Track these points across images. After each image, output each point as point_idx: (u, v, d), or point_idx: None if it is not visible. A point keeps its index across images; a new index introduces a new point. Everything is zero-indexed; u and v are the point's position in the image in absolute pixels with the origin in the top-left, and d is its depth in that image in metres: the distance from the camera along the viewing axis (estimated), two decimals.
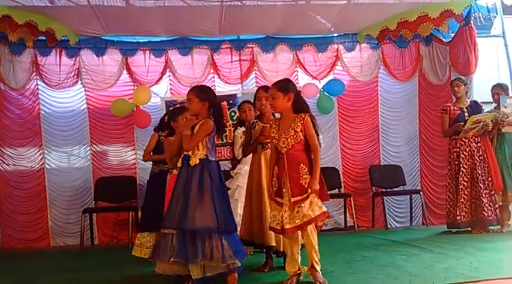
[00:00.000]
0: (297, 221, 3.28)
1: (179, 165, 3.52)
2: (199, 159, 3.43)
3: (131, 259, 4.78)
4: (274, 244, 3.86)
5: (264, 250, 4.05)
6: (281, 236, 3.63)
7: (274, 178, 3.46)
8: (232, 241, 3.38)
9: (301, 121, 3.45)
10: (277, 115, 3.77)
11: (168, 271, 3.38)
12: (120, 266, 4.65)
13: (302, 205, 3.30)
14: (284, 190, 3.37)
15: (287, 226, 3.28)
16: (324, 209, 3.37)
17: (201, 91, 3.62)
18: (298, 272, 3.45)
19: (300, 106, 3.52)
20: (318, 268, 3.38)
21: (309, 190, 3.33)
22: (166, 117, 5.10)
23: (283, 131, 3.45)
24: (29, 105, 6.75)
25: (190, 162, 3.43)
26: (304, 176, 3.37)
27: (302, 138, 3.43)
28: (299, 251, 3.47)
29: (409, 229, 6.65)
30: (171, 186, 3.68)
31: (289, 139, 3.41)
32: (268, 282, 3.55)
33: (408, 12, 6.50)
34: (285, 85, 3.53)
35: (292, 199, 3.32)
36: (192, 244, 3.26)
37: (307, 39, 7.15)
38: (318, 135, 3.53)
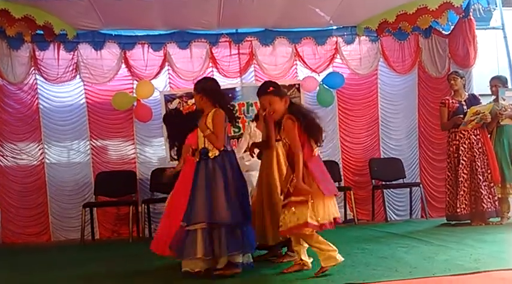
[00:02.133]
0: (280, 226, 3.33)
1: (197, 159, 3.51)
2: (219, 151, 3.43)
3: (132, 253, 4.79)
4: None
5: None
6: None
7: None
8: (250, 233, 3.50)
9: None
10: None
11: (194, 267, 3.38)
12: (122, 260, 4.66)
13: (285, 211, 3.29)
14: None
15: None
16: (301, 221, 3.20)
17: (196, 84, 3.66)
18: (300, 262, 3.45)
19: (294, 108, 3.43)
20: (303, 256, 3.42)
21: (291, 198, 3.25)
22: None
23: (282, 135, 3.44)
24: (28, 100, 6.75)
25: (210, 154, 3.43)
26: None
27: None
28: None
29: (409, 222, 6.67)
30: (186, 176, 3.68)
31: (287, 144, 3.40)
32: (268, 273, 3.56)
33: (407, 4, 6.49)
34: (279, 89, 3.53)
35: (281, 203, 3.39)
36: (225, 237, 3.31)
37: (306, 32, 7.14)
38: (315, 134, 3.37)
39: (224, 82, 7.04)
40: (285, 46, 7.18)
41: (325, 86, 7.06)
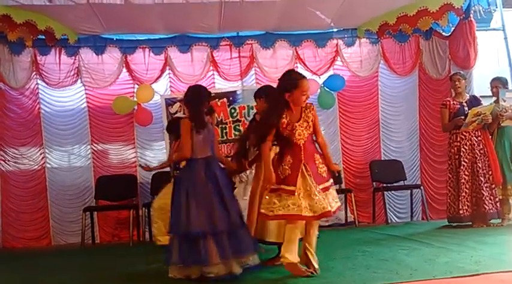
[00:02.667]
0: (318, 210, 3.30)
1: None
2: (186, 160, 3.61)
3: (133, 257, 4.78)
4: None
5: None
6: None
7: (286, 167, 3.38)
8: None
9: (312, 112, 3.49)
10: None
11: (181, 274, 3.49)
12: (122, 264, 4.66)
13: (326, 194, 3.37)
14: (302, 179, 3.34)
15: (306, 214, 3.29)
16: (339, 203, 3.49)
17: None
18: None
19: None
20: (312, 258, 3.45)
21: (331, 180, 3.43)
22: None
23: (295, 122, 3.43)
24: (29, 105, 6.77)
25: (181, 165, 3.63)
26: (321, 165, 3.44)
27: (312, 128, 3.48)
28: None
29: (410, 224, 6.64)
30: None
31: (304, 131, 3.43)
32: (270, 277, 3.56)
33: (408, 6, 6.48)
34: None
35: (320, 186, 3.35)
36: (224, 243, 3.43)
37: (307, 35, 7.14)
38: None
39: (225, 86, 7.08)
40: (286, 49, 7.19)
41: (326, 89, 7.06)
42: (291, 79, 3.48)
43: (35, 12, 5.87)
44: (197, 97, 3.71)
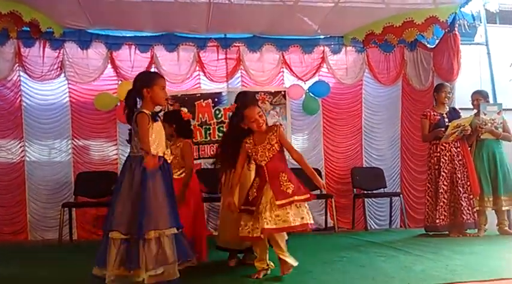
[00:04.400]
0: (276, 224, 3.38)
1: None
2: None
3: None
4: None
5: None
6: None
7: (254, 189, 3.57)
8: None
9: (274, 134, 3.59)
10: None
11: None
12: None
13: (287, 209, 3.40)
14: (263, 197, 3.47)
15: (266, 226, 3.35)
16: (306, 221, 3.44)
17: None
18: (267, 268, 3.59)
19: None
20: (288, 259, 3.51)
21: (295, 197, 3.44)
22: None
23: (259, 145, 3.57)
24: (11, 97, 6.65)
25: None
26: (285, 183, 3.50)
27: (278, 149, 3.58)
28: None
29: (389, 231, 6.71)
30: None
31: (266, 153, 3.56)
32: (237, 276, 3.56)
33: (394, 17, 6.57)
34: (255, 98, 3.72)
35: (277, 202, 3.41)
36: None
37: (294, 40, 7.18)
38: None
39: (210, 87, 7.06)
40: (273, 53, 7.21)
41: (311, 94, 7.11)
42: (239, 110, 3.74)
43: (21, 4, 5.78)
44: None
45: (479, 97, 5.90)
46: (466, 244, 4.87)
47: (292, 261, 3.51)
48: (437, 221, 5.56)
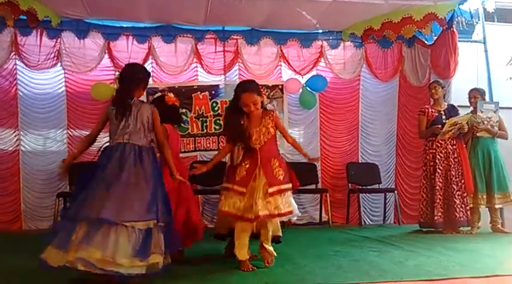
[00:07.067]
0: (269, 210, 3.47)
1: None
2: None
3: None
4: None
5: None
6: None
7: (243, 169, 3.57)
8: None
9: (271, 118, 3.66)
10: None
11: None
12: None
13: (277, 196, 3.51)
14: (256, 182, 3.50)
15: (260, 213, 3.42)
16: (291, 208, 3.59)
17: None
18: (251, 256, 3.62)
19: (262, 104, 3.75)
20: (270, 248, 3.63)
21: (289, 185, 3.57)
22: None
23: (254, 128, 3.61)
24: (6, 85, 6.60)
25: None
26: (276, 169, 3.58)
27: (273, 134, 3.65)
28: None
29: (383, 227, 6.75)
30: None
31: (261, 136, 3.60)
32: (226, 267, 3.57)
33: (393, 13, 6.57)
34: (257, 88, 3.70)
35: (270, 190, 3.49)
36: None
37: (292, 34, 7.17)
38: None
39: (208, 79, 7.04)
40: (271, 46, 7.20)
41: (308, 88, 7.11)
42: (236, 92, 3.70)
43: None
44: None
45: (477, 94, 5.92)
46: (460, 241, 4.90)
47: (272, 251, 3.63)
48: (435, 218, 5.58)
